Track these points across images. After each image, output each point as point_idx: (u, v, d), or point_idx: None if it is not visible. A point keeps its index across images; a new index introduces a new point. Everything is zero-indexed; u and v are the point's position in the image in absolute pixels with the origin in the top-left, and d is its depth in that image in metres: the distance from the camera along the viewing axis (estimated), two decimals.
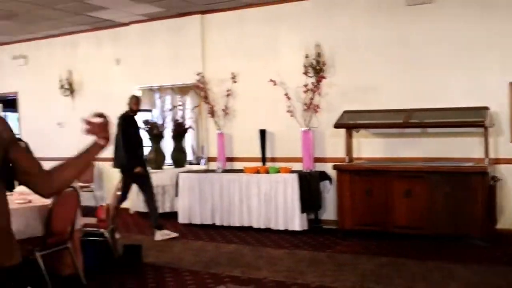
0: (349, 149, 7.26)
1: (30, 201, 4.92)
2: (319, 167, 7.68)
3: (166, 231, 7.08)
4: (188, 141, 9.19)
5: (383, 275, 5.13)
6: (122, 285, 5.06)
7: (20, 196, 5.17)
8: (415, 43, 7.17)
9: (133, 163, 6.94)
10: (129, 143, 6.97)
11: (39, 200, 4.95)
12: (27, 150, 6.24)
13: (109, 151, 9.63)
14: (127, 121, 7.11)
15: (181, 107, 9.18)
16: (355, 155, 7.47)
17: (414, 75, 7.17)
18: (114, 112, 9.34)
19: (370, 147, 7.50)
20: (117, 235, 6.19)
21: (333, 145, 7.62)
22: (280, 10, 8.12)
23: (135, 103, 7.19)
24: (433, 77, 7.03)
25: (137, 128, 7.28)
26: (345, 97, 7.60)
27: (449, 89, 6.94)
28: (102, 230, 5.52)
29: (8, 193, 5.19)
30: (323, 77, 7.53)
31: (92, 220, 5.65)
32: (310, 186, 7.26)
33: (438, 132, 7.01)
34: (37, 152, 10.61)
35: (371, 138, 7.52)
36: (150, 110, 9.42)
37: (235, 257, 5.99)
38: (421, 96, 7.05)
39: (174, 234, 7.10)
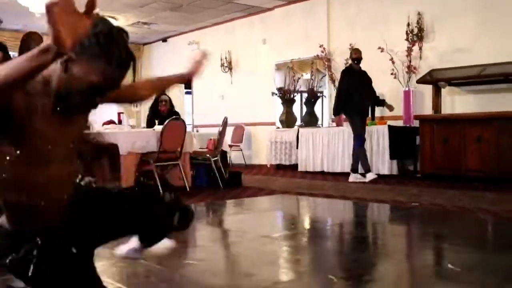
0: (435, 103, 8.08)
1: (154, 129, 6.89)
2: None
3: (358, 175, 7.84)
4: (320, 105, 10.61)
5: (417, 194, 6.11)
6: (214, 192, 6.75)
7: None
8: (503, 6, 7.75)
9: (340, 109, 7.98)
10: (345, 92, 7.87)
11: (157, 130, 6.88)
12: None
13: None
14: (346, 72, 8.15)
15: (312, 77, 10.58)
16: (449, 110, 8.24)
17: (500, 35, 7.73)
18: (259, 84, 11.25)
19: (462, 104, 8.19)
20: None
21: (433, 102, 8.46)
22: None
23: (355, 53, 8.19)
24: None
25: (356, 78, 7.91)
26: (443, 59, 8.38)
27: None
28: (209, 156, 7.30)
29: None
30: (415, 42, 8.47)
31: (203, 150, 7.48)
32: (402, 138, 8.24)
33: None
34: (204, 120, 12.93)
35: (463, 95, 8.21)
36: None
37: (315, 186, 7.32)
38: (503, 53, 7.59)
39: (365, 179, 7.67)
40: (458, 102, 8.27)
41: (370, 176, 7.67)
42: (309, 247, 3.78)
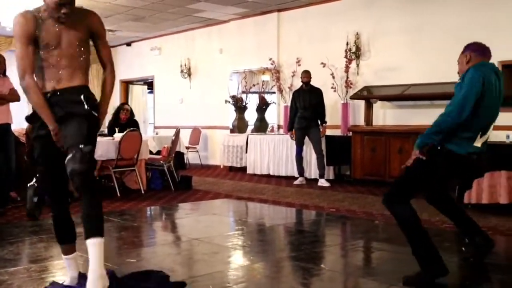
0: (367, 116, 9.10)
1: (113, 138, 7.74)
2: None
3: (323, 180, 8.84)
4: (271, 113, 11.55)
5: (340, 200, 7.11)
6: (165, 195, 7.66)
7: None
8: (430, 29, 8.76)
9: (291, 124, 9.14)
10: (291, 109, 9.13)
11: (116, 138, 7.74)
12: None
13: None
14: (295, 92, 9.30)
15: (262, 86, 11.55)
16: (381, 122, 9.27)
17: (427, 55, 8.75)
18: (216, 91, 12.15)
19: (392, 116, 9.23)
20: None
21: (365, 115, 9.48)
22: (331, 7, 10.15)
23: (304, 76, 9.14)
24: (439, 56, 8.55)
25: (303, 97, 8.94)
26: (376, 76, 9.42)
27: (451, 66, 8.42)
28: (162, 162, 8.18)
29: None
30: (352, 60, 9.48)
31: (158, 157, 8.37)
32: (339, 146, 9.23)
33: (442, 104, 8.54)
34: (164, 121, 13.89)
35: (393, 109, 9.24)
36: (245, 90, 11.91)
37: (257, 189, 8.27)
38: (429, 72, 8.61)
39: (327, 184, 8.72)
40: (389, 115, 9.31)
41: (297, 181, 8.94)
42: (227, 248, 4.72)
